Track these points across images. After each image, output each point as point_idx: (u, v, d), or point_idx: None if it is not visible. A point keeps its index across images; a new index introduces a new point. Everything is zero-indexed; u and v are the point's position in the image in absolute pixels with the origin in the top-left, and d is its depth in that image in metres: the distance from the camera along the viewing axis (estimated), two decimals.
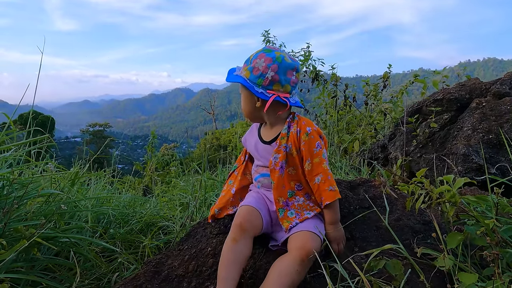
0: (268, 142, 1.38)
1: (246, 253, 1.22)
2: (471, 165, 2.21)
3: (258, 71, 1.29)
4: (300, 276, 1.16)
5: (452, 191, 1.09)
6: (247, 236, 1.23)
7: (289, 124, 1.35)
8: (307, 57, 4.34)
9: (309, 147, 1.29)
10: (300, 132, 1.32)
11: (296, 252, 1.17)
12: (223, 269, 1.18)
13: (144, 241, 1.86)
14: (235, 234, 1.23)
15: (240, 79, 1.32)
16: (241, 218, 1.25)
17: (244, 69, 1.34)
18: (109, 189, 2.72)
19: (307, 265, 1.17)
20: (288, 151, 1.32)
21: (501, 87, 2.54)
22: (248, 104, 1.36)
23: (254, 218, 1.27)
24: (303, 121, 1.34)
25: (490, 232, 1.05)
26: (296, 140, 1.32)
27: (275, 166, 1.32)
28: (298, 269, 1.15)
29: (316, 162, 1.29)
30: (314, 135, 1.30)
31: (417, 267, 1.11)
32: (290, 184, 1.35)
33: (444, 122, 2.69)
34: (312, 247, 1.17)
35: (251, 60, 1.31)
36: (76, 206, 1.87)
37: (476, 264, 1.20)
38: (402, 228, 1.42)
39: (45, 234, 1.32)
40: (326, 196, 1.27)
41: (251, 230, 1.25)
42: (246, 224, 1.24)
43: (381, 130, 4.01)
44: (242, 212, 1.28)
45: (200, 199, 2.29)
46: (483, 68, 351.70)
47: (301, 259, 1.16)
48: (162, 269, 1.37)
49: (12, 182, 1.24)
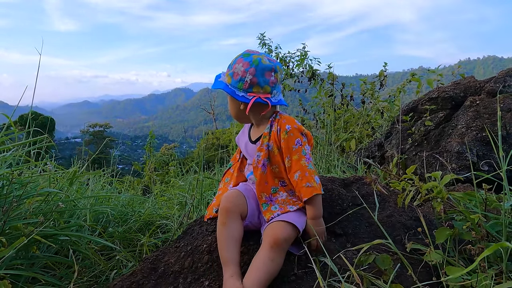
0: (254, 142, 1.45)
1: (238, 231, 1.29)
2: (464, 162, 2.24)
3: (237, 76, 1.35)
4: (275, 263, 1.18)
5: (439, 187, 1.12)
6: (234, 216, 1.29)
7: (271, 123, 1.40)
8: (303, 57, 4.37)
9: (287, 145, 1.33)
10: (280, 130, 1.36)
11: (266, 241, 1.23)
12: (223, 252, 1.25)
13: (142, 239, 1.89)
14: (222, 217, 1.29)
15: (222, 85, 1.39)
16: (224, 202, 1.32)
17: (226, 74, 1.41)
18: (108, 189, 2.76)
19: (279, 252, 1.20)
20: (270, 149, 1.37)
21: (494, 85, 2.57)
22: (234, 107, 1.45)
23: (236, 199, 1.33)
24: (284, 119, 1.38)
25: (475, 227, 1.08)
26: (277, 138, 1.36)
27: (257, 164, 1.38)
28: (271, 256, 1.18)
29: (294, 159, 1.32)
30: (294, 133, 1.33)
31: (405, 261, 1.14)
32: (274, 181, 1.40)
33: (439, 120, 2.71)
34: (281, 233, 1.22)
35: (232, 66, 1.38)
36: (75, 205, 1.90)
37: (465, 258, 1.23)
38: (394, 224, 1.45)
39: (44, 232, 1.35)
40: (304, 192, 1.29)
41: (235, 210, 1.30)
42: (229, 205, 1.30)
43: (378, 129, 4.03)
44: (225, 196, 1.35)
45: (197, 198, 2.32)
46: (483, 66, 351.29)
47: (270, 246, 1.20)
48: (159, 266, 1.40)
49: (12, 182, 1.27)
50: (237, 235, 1.28)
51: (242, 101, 1.36)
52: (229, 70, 1.39)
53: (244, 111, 1.38)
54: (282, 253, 1.21)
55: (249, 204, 1.36)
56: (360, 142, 3.50)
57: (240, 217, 1.31)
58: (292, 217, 1.28)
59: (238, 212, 1.31)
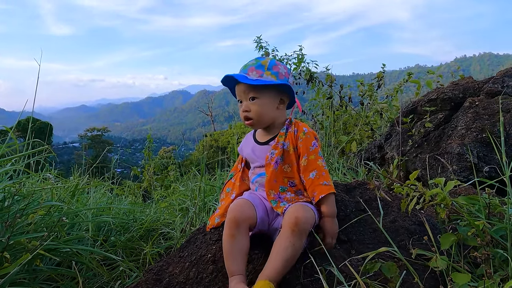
0: (265, 143, 1.48)
1: (246, 244, 1.29)
2: (465, 164, 2.25)
3: (283, 76, 1.41)
4: (295, 248, 1.19)
5: (443, 194, 1.12)
6: (243, 228, 1.29)
7: (286, 126, 1.46)
8: (301, 60, 4.38)
9: (305, 144, 1.40)
10: (297, 131, 1.44)
11: (286, 225, 1.23)
12: (230, 264, 1.25)
13: (145, 248, 1.88)
14: (230, 229, 1.28)
15: (279, 81, 1.40)
16: (233, 212, 1.31)
17: (266, 73, 1.40)
18: (109, 196, 2.75)
19: (300, 235, 1.21)
20: (285, 148, 1.42)
21: (493, 85, 2.58)
22: (270, 107, 1.43)
23: (246, 208, 1.33)
24: (300, 123, 1.48)
25: (480, 233, 1.08)
26: (293, 138, 1.43)
27: (270, 161, 1.41)
28: (292, 241, 1.19)
29: (311, 159, 1.39)
30: (310, 135, 1.43)
31: (411, 269, 1.14)
32: (284, 180, 1.42)
33: (438, 121, 2.72)
34: (302, 214, 1.23)
35: (269, 67, 1.40)
36: (76, 216, 1.89)
37: (470, 263, 1.23)
38: (397, 229, 1.45)
39: (47, 246, 1.34)
40: (320, 190, 1.34)
41: (245, 221, 1.30)
42: (239, 215, 1.29)
43: (377, 130, 4.04)
44: (233, 206, 1.34)
45: (199, 205, 2.32)
46: (479, 63, 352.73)
47: (291, 230, 1.20)
48: (163, 277, 1.39)
49: (14, 195, 1.27)
50: (245, 248, 1.28)
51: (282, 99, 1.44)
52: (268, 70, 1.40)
53: (277, 112, 1.45)
54: (302, 236, 1.22)
55: (258, 213, 1.36)
56: (360, 144, 3.51)
57: (248, 229, 1.31)
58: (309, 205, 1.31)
59: (247, 224, 1.30)
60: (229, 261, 1.25)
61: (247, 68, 1.42)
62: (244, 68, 1.43)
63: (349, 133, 4.05)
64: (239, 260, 1.25)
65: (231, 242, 1.27)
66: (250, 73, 1.40)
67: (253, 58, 1.48)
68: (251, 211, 1.33)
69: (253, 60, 1.44)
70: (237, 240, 1.26)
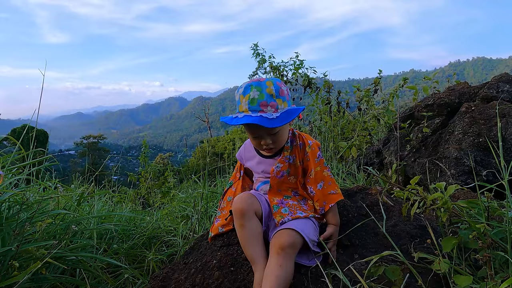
0: (271, 157, 1.49)
1: (258, 228, 1.32)
2: (463, 168, 2.28)
3: (288, 97, 1.40)
4: (283, 269, 1.21)
5: (444, 198, 1.15)
6: (249, 215, 1.32)
7: (291, 139, 1.48)
8: (299, 66, 4.43)
9: (312, 158, 1.45)
10: (303, 145, 1.47)
11: (272, 249, 1.26)
12: (249, 250, 1.29)
13: (148, 255, 1.89)
14: (238, 220, 1.32)
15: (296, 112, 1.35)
16: (237, 204, 1.34)
17: (279, 102, 1.33)
18: (110, 204, 2.75)
19: (286, 258, 1.23)
20: (291, 162, 1.46)
21: (488, 91, 2.63)
22: (287, 131, 1.45)
23: (248, 199, 1.36)
24: (303, 136, 1.50)
25: (481, 235, 1.10)
26: (300, 152, 1.47)
27: (276, 175, 1.45)
28: (279, 263, 1.21)
29: (317, 171, 1.44)
30: (314, 147, 1.48)
31: (414, 272, 1.16)
32: (288, 190, 1.48)
33: (435, 126, 2.76)
34: (286, 240, 1.25)
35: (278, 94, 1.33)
36: (79, 224, 1.90)
37: (471, 266, 1.25)
38: (399, 233, 1.48)
39: (54, 254, 1.35)
40: (329, 199, 1.41)
41: (250, 209, 1.33)
42: (243, 206, 1.32)
43: (375, 135, 4.08)
44: (236, 199, 1.37)
45: (202, 212, 2.33)
46: (473, 68, 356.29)
47: (276, 253, 1.23)
48: (169, 283, 1.40)
49: (22, 204, 1.28)
50: (258, 232, 1.32)
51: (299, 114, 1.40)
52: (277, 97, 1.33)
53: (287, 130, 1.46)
54: (289, 259, 1.24)
55: (263, 206, 1.39)
56: (358, 149, 3.54)
57: (255, 216, 1.34)
58: (299, 225, 1.32)
59: (252, 211, 1.33)
60: (247, 249, 1.29)
61: (257, 104, 1.30)
62: (252, 103, 1.31)
63: (347, 138, 4.08)
64: (256, 245, 1.29)
65: (243, 231, 1.31)
66: (264, 109, 1.30)
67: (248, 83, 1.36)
68: (254, 200, 1.37)
69: (255, 90, 1.32)
70: (247, 227, 1.31)
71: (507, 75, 2.72)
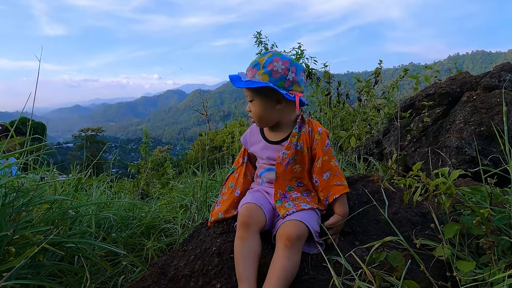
0: (277, 142, 1.43)
1: (256, 248, 1.26)
2: (464, 157, 2.27)
3: (278, 74, 1.30)
4: (290, 261, 1.19)
5: (448, 183, 1.14)
6: (252, 231, 1.27)
7: (299, 124, 1.41)
8: (300, 56, 4.39)
9: (321, 146, 1.39)
10: (312, 131, 1.41)
11: (280, 241, 1.23)
12: (240, 268, 1.22)
13: (146, 243, 1.88)
14: (241, 232, 1.27)
15: (263, 83, 1.30)
16: (243, 216, 1.29)
17: (258, 73, 1.32)
18: (108, 194, 2.73)
19: (294, 250, 1.20)
20: (298, 149, 1.39)
21: (490, 80, 2.60)
22: (267, 108, 1.37)
23: (255, 213, 1.31)
24: (313, 122, 1.44)
25: (485, 221, 1.09)
26: (308, 139, 1.40)
27: (282, 161, 1.39)
28: (286, 255, 1.19)
29: (325, 160, 1.38)
30: (324, 135, 1.41)
31: (417, 258, 1.15)
32: (292, 180, 1.42)
33: (436, 116, 2.74)
34: (293, 232, 1.22)
35: (265, 65, 1.31)
36: (77, 212, 1.88)
37: (473, 252, 1.24)
38: (400, 220, 1.46)
39: (51, 240, 1.33)
40: (335, 190, 1.36)
41: (255, 225, 1.28)
42: (248, 220, 1.28)
43: (375, 126, 4.06)
44: (243, 210, 1.32)
45: (201, 200, 2.32)
46: (472, 61, 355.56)
47: (284, 245, 1.20)
48: (168, 270, 1.39)
49: (18, 190, 1.26)
50: (256, 252, 1.25)
51: (288, 99, 1.32)
52: (262, 68, 1.31)
53: (278, 111, 1.37)
54: (297, 251, 1.22)
55: (266, 211, 1.35)
56: (358, 140, 3.53)
57: (258, 232, 1.30)
58: (304, 217, 1.29)
59: (257, 227, 1.29)
60: (240, 265, 1.22)
61: (248, 67, 1.36)
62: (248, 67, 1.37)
63: (346, 129, 4.06)
64: (250, 263, 1.22)
65: (241, 245, 1.25)
66: (248, 73, 1.35)
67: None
68: (260, 214, 1.32)
69: (257, 56, 1.37)
70: (247, 244, 1.25)
71: (509, 64, 2.69)
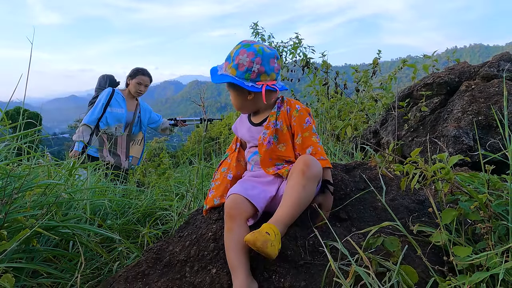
0: (259, 124, 1.47)
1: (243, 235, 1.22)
2: (461, 147, 2.27)
3: (243, 67, 1.35)
4: (306, 190, 1.19)
5: (446, 168, 1.13)
6: (238, 221, 1.26)
7: (278, 105, 1.45)
8: (297, 46, 4.35)
9: (299, 122, 1.41)
10: (290, 109, 1.44)
11: (296, 168, 1.24)
12: (231, 258, 1.21)
13: (142, 230, 1.87)
14: (227, 224, 1.27)
15: (228, 78, 1.37)
16: (227, 208, 1.29)
17: (228, 67, 1.39)
18: (104, 182, 2.71)
19: (310, 179, 1.21)
20: (278, 127, 1.42)
21: (489, 69, 2.59)
22: (240, 99, 1.45)
23: (239, 203, 1.29)
24: (292, 101, 1.47)
25: (483, 206, 1.08)
26: (287, 117, 1.43)
27: (263, 141, 1.41)
28: (302, 183, 1.20)
29: (306, 136, 1.40)
30: (303, 112, 1.43)
31: (414, 243, 1.15)
32: (279, 158, 1.43)
33: (434, 105, 2.73)
34: (311, 159, 1.24)
35: (233, 58, 1.38)
36: (72, 198, 1.86)
37: (470, 239, 1.24)
38: (397, 207, 1.46)
39: (45, 224, 1.32)
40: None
41: (240, 215, 1.27)
42: (233, 212, 1.27)
43: (372, 116, 4.05)
44: (227, 202, 1.31)
45: (197, 188, 2.30)
46: (469, 54, 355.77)
47: (301, 170, 1.21)
48: (164, 256, 1.38)
49: (9, 175, 1.23)
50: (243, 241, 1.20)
51: (252, 91, 1.37)
52: (231, 62, 1.38)
53: (252, 101, 1.43)
54: (313, 181, 1.22)
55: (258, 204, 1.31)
56: (355, 129, 3.51)
57: (246, 222, 1.28)
58: None
59: (243, 216, 1.27)
60: (230, 254, 1.21)
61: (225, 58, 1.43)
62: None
63: (344, 120, 4.05)
64: (240, 252, 1.20)
65: (229, 236, 1.24)
66: (224, 66, 1.42)
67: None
68: (245, 204, 1.29)
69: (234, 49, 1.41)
70: (235, 234, 1.23)
71: (508, 53, 2.68)
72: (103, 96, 3.68)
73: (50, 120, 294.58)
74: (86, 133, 3.60)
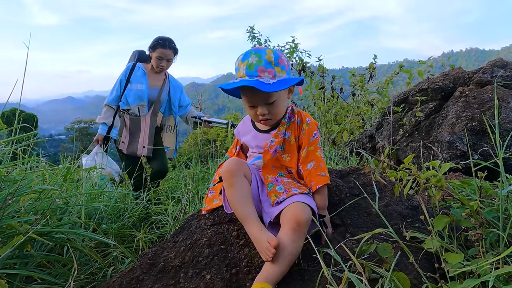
0: (266, 131, 1.47)
1: (247, 188, 1.29)
2: (455, 152, 2.28)
3: (288, 67, 1.38)
4: (295, 245, 1.19)
5: (438, 176, 1.14)
6: (238, 176, 1.29)
7: (289, 115, 1.46)
8: (293, 50, 4.37)
9: (307, 136, 1.42)
10: (300, 122, 1.45)
11: (288, 223, 1.21)
12: (240, 209, 1.25)
13: (137, 235, 1.87)
14: (227, 181, 1.29)
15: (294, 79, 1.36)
16: (226, 167, 1.31)
17: (277, 70, 1.32)
18: (100, 185, 2.71)
19: (300, 234, 1.20)
20: (286, 138, 1.43)
21: (483, 75, 2.61)
22: (284, 102, 1.42)
23: (238, 163, 1.33)
24: (302, 113, 1.48)
25: (474, 213, 1.10)
26: (296, 129, 1.44)
27: (269, 149, 1.42)
28: (292, 239, 1.18)
29: (310, 150, 1.41)
30: (312, 126, 1.45)
31: (406, 249, 1.15)
32: (282, 168, 1.44)
33: (429, 111, 2.75)
34: (303, 215, 1.22)
35: (277, 62, 1.32)
36: (67, 202, 1.86)
37: (462, 245, 1.25)
38: (391, 213, 1.47)
39: (40, 230, 1.32)
40: (317, 180, 1.36)
41: (239, 170, 1.30)
42: (232, 167, 1.30)
43: (368, 121, 4.07)
44: (226, 162, 1.34)
45: (193, 192, 2.31)
46: (465, 58, 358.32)
47: (292, 228, 1.19)
48: (158, 261, 1.38)
49: (3, 180, 1.23)
50: (248, 191, 1.28)
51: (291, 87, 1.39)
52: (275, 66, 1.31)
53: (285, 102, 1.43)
54: (303, 235, 1.22)
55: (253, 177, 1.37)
56: (351, 134, 3.53)
57: (245, 177, 1.31)
58: (306, 199, 1.30)
59: (242, 173, 1.30)
60: (238, 207, 1.26)
61: (255, 69, 1.29)
62: (250, 69, 1.29)
63: (340, 123, 4.07)
64: (247, 204, 1.25)
65: (232, 190, 1.28)
66: (262, 75, 1.29)
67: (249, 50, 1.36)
68: (244, 165, 1.34)
69: (254, 56, 1.30)
70: (237, 187, 1.27)
71: (502, 60, 2.70)
72: (122, 72, 3.24)
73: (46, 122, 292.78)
74: (108, 114, 3.21)
